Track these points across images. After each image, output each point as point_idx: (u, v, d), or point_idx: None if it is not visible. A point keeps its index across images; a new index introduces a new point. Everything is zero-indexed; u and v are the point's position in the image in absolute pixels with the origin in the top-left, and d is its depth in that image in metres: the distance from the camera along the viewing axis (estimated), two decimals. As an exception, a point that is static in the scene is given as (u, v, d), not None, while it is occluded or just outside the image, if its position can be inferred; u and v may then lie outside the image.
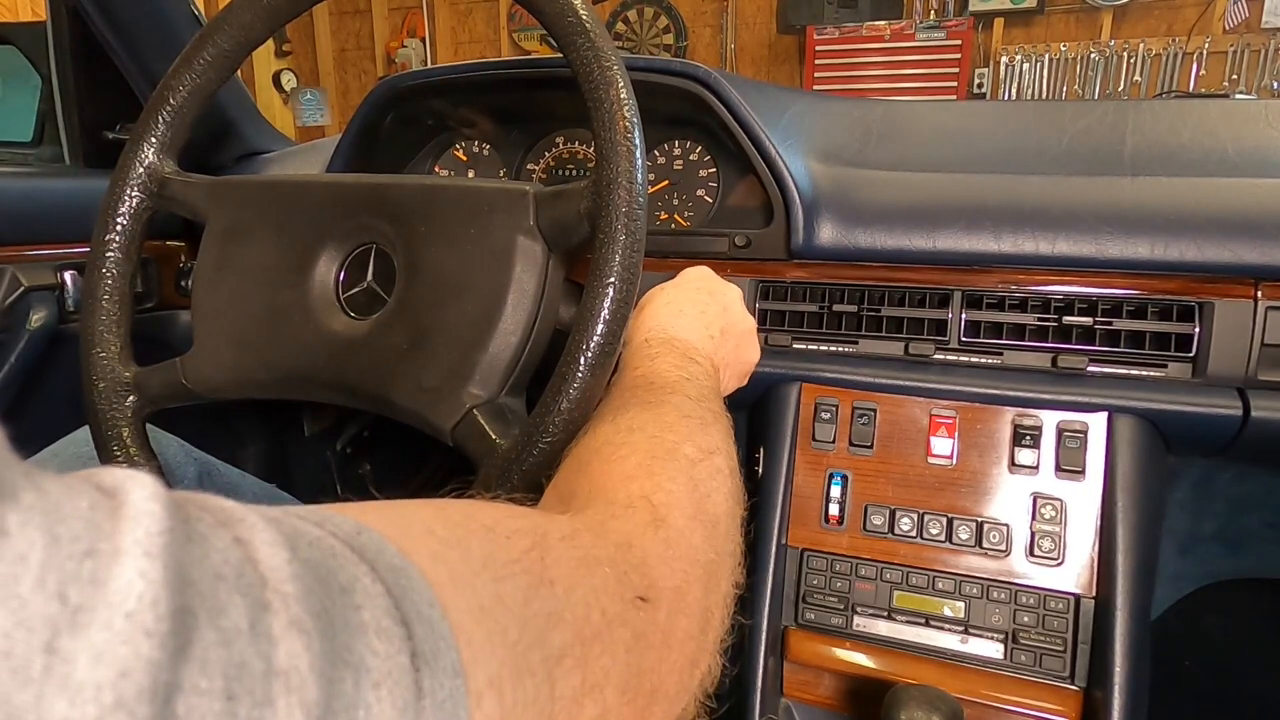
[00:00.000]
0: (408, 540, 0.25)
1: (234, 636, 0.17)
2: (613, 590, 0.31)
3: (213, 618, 0.17)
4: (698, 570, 0.37)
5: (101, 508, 0.17)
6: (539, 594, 0.28)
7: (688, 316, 0.59)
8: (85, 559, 0.16)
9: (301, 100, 4.78)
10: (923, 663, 0.71)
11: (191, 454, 0.75)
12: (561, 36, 0.54)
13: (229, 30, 0.66)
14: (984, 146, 0.85)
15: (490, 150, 1.00)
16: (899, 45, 3.87)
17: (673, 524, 0.38)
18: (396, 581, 0.22)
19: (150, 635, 0.16)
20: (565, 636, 0.28)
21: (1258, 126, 0.79)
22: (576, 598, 0.29)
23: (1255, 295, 0.66)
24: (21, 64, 1.23)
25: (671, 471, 0.41)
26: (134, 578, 0.16)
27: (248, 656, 0.17)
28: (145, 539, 0.17)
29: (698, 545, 0.38)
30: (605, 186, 0.51)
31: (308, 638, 0.19)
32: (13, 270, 0.89)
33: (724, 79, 0.79)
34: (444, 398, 0.55)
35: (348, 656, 0.20)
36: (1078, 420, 0.71)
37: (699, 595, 0.37)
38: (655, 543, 0.36)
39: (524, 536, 0.30)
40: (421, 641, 0.22)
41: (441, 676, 0.22)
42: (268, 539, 0.20)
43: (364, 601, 0.21)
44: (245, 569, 0.19)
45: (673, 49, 4.50)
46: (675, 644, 0.34)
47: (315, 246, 0.63)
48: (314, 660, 0.18)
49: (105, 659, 0.15)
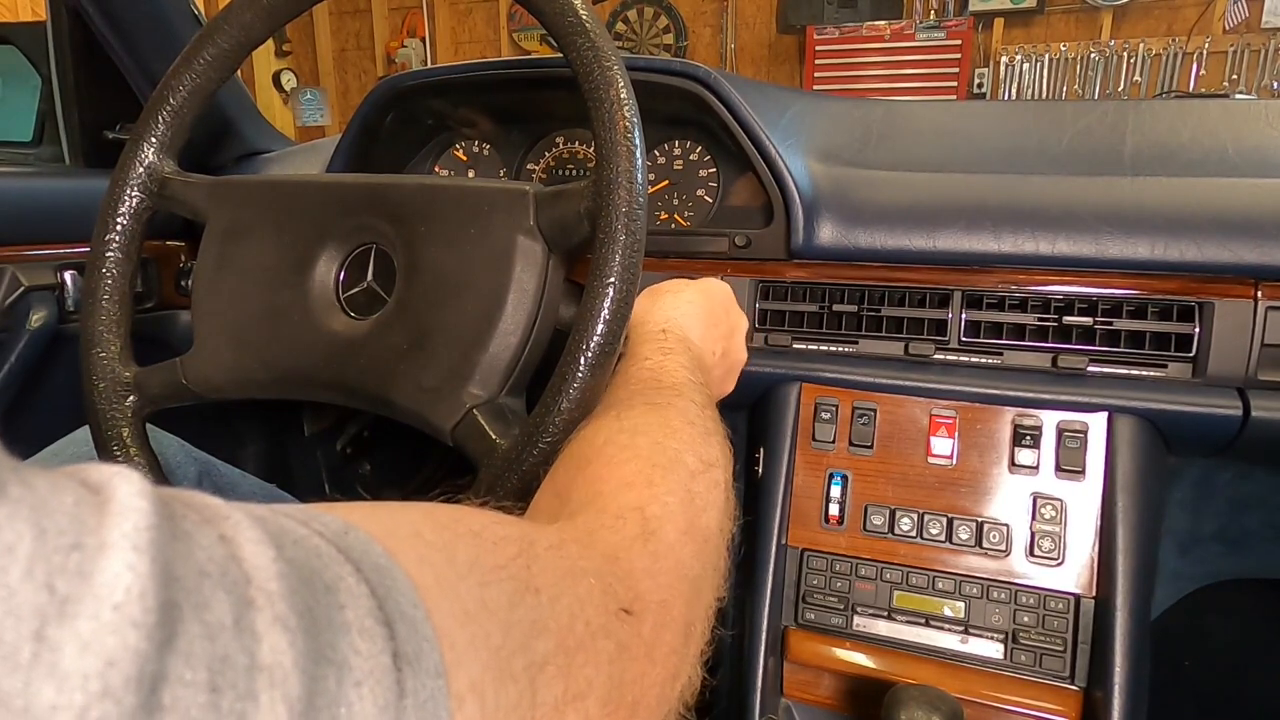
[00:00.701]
0: (394, 541, 0.25)
1: (218, 631, 0.17)
2: (598, 601, 0.31)
3: (198, 612, 0.17)
4: (684, 585, 0.37)
5: (87, 503, 0.17)
6: (524, 601, 0.28)
7: (704, 324, 0.59)
8: (72, 551, 0.16)
9: (301, 100, 4.78)
10: (923, 663, 0.71)
11: (191, 454, 0.75)
12: (561, 36, 0.54)
13: (229, 30, 0.66)
14: (984, 146, 0.85)
15: (490, 150, 1.00)
16: (899, 45, 3.87)
17: (663, 538, 0.38)
18: (381, 581, 0.23)
19: (137, 626, 0.16)
20: (549, 645, 0.28)
21: (1258, 126, 0.79)
22: (561, 607, 0.29)
23: (1255, 295, 0.66)
24: (21, 64, 1.23)
25: (670, 483, 0.41)
26: (121, 570, 0.16)
27: (231, 650, 0.17)
28: (133, 533, 0.17)
29: (686, 561, 0.38)
30: (605, 186, 0.51)
31: (291, 634, 0.19)
32: (13, 270, 0.89)
33: (724, 79, 0.79)
34: (444, 398, 0.55)
35: (330, 654, 0.20)
36: (1078, 420, 0.71)
37: (683, 609, 0.37)
38: (643, 556, 0.36)
39: (511, 544, 0.30)
40: (404, 642, 0.22)
41: (424, 677, 0.22)
42: (252, 537, 0.20)
43: (348, 601, 0.21)
44: (229, 566, 0.19)
45: (673, 49, 4.50)
46: (659, 657, 0.34)
47: (315, 246, 0.63)
48: (297, 657, 0.19)
49: (92, 648, 0.15)
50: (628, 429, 0.44)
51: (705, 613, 0.40)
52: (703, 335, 0.59)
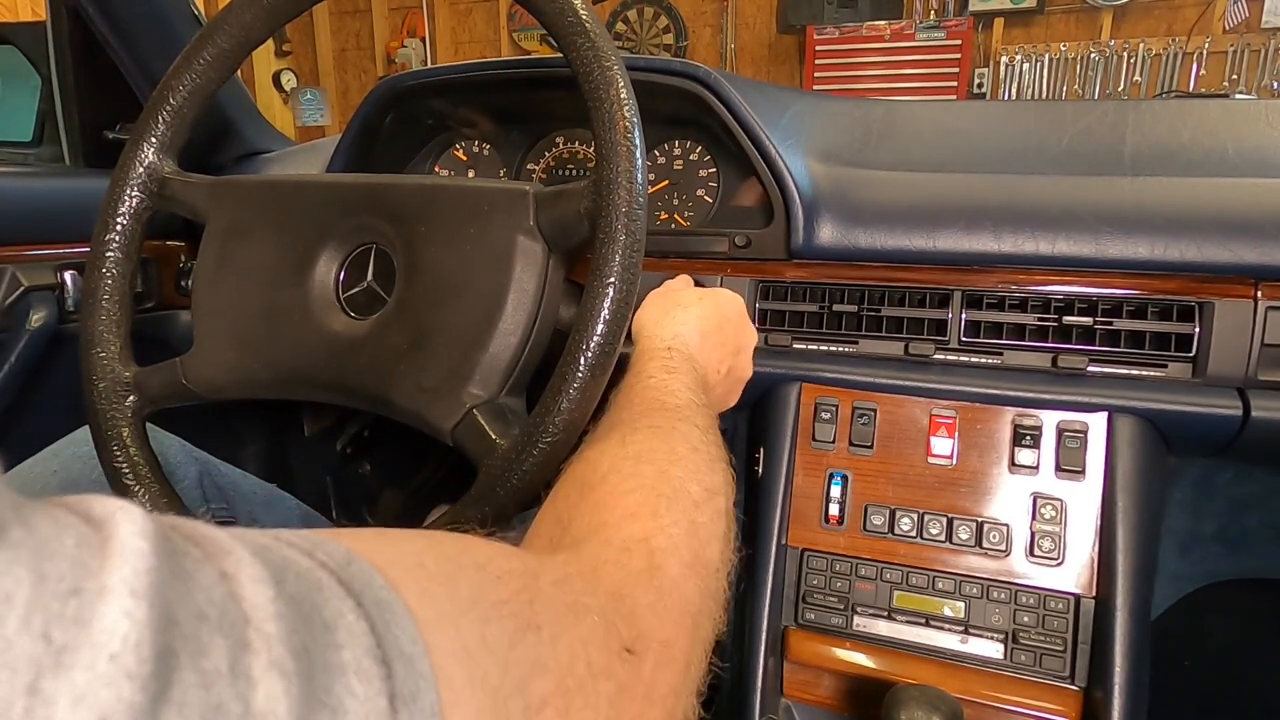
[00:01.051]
0: (397, 572, 0.25)
1: (214, 679, 0.18)
2: (600, 640, 0.31)
3: (194, 659, 0.17)
4: (687, 621, 0.37)
5: (89, 544, 0.17)
6: (525, 639, 0.28)
7: (711, 341, 0.60)
8: (70, 598, 0.16)
9: (301, 100, 4.78)
10: (923, 663, 0.71)
11: (192, 454, 0.75)
12: (561, 36, 0.54)
13: (229, 30, 0.66)
14: (984, 146, 0.85)
15: (490, 150, 1.00)
16: (899, 45, 3.87)
17: (668, 573, 0.38)
18: (381, 616, 0.23)
19: (132, 678, 0.16)
20: (547, 685, 0.28)
21: (1258, 126, 0.79)
22: (562, 646, 0.29)
23: (1255, 295, 0.66)
24: (21, 64, 1.23)
25: (675, 515, 0.41)
26: (119, 617, 0.16)
27: (226, 699, 0.18)
28: (132, 578, 0.17)
29: (690, 596, 0.38)
30: (605, 186, 0.51)
31: (287, 681, 0.19)
32: (13, 270, 0.89)
33: (724, 79, 0.79)
34: (444, 398, 0.55)
35: (325, 698, 0.20)
36: (1078, 420, 0.71)
37: (685, 646, 0.37)
38: (648, 592, 0.36)
39: (515, 578, 0.30)
40: (401, 682, 0.22)
41: (420, 717, 0.22)
42: (253, 575, 0.20)
43: (346, 640, 0.21)
44: (229, 606, 0.19)
45: (673, 49, 4.50)
46: (657, 698, 0.34)
47: (315, 246, 0.63)
48: (292, 704, 0.19)
49: (86, 701, 0.15)
50: (632, 455, 0.44)
51: (704, 648, 0.39)
52: (709, 353, 0.59)
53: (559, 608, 0.30)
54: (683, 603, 0.38)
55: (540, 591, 0.30)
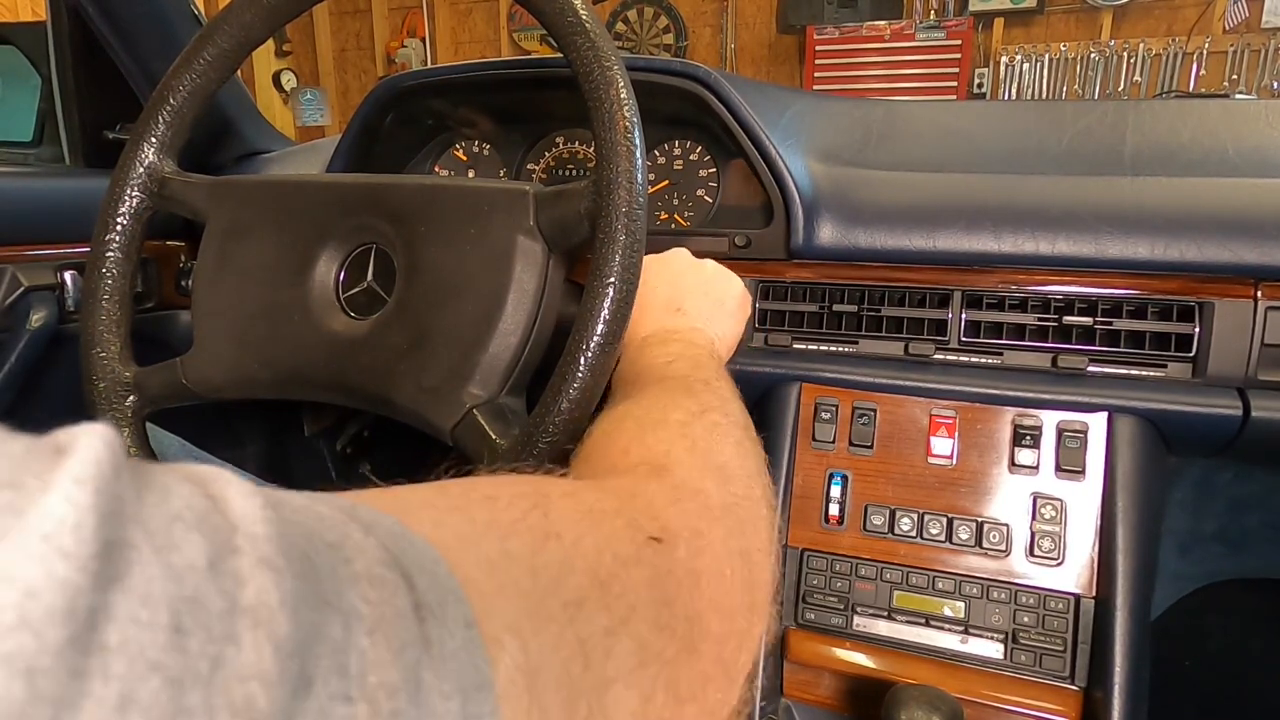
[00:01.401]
0: (407, 514, 0.24)
1: (186, 573, 0.16)
2: (623, 535, 0.31)
3: (161, 554, 0.16)
4: (713, 513, 0.37)
5: (40, 450, 0.16)
6: (546, 546, 0.27)
7: (687, 307, 0.61)
8: (7, 489, 0.15)
9: (301, 100, 4.78)
10: (923, 663, 0.71)
11: (192, 454, 0.75)
12: (561, 36, 0.54)
13: (229, 30, 0.66)
14: (984, 146, 0.85)
15: (490, 150, 1.00)
16: (899, 45, 3.87)
17: (675, 473, 0.38)
18: (394, 540, 0.21)
19: (67, 557, 0.15)
20: (580, 581, 0.27)
21: (1258, 126, 0.79)
22: (586, 545, 0.29)
23: (1255, 295, 0.66)
24: (21, 64, 1.23)
25: (662, 435, 0.42)
26: (58, 502, 0.15)
27: (204, 593, 0.16)
28: (78, 468, 0.16)
29: (708, 490, 0.38)
30: (605, 186, 0.51)
31: (278, 575, 0.17)
32: (13, 270, 0.89)
33: (724, 79, 0.79)
34: (444, 397, 0.55)
35: (336, 601, 0.18)
36: (1078, 420, 0.71)
37: (722, 537, 0.36)
38: (661, 489, 0.36)
39: (525, 499, 0.29)
40: (425, 593, 0.20)
41: (451, 626, 0.21)
42: (243, 491, 0.19)
43: (355, 555, 0.20)
44: (211, 514, 0.18)
45: (673, 49, 4.50)
46: (705, 581, 0.33)
47: (315, 246, 0.63)
48: (285, 597, 0.17)
49: (10, 577, 0.14)
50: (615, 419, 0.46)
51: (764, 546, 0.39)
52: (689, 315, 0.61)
53: (574, 514, 0.30)
54: (701, 496, 0.38)
55: (553, 504, 0.30)
